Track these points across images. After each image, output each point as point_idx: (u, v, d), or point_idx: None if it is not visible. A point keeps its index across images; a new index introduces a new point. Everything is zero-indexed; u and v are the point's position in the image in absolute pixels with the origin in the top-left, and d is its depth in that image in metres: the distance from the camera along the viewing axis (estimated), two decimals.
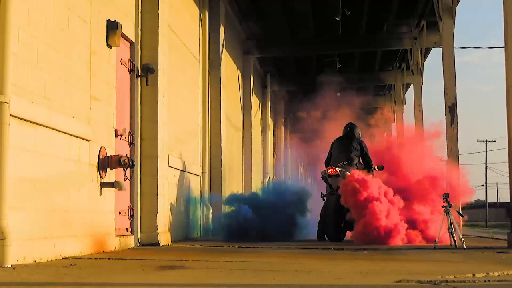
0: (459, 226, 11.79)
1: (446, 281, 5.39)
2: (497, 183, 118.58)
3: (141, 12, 10.58)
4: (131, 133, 10.21)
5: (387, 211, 12.10)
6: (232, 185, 17.90)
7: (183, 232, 12.98)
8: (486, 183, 74.71)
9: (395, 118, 28.86)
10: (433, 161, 14.01)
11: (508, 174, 10.98)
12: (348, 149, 13.32)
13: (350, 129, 13.74)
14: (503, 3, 10.77)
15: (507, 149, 10.70)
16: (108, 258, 7.57)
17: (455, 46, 15.69)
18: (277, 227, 12.94)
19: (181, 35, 13.37)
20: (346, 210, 12.50)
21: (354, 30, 21.38)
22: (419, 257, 8.50)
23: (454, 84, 15.41)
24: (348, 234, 12.81)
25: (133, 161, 9.31)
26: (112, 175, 9.07)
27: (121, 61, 9.82)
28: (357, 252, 9.46)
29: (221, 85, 16.00)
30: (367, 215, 11.97)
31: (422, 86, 22.88)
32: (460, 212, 12.42)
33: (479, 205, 73.57)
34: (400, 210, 12.45)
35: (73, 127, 7.84)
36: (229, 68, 18.23)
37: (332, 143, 13.75)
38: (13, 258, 6.25)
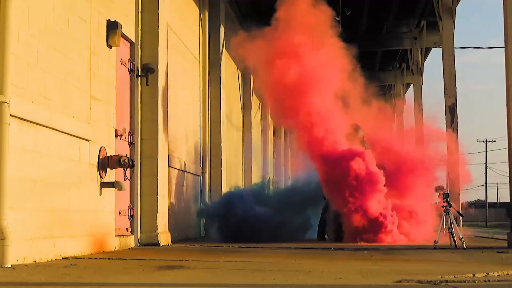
0: (459, 226, 11.81)
1: (446, 281, 5.39)
2: (497, 183, 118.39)
3: (141, 12, 10.58)
4: (131, 133, 10.21)
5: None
6: (232, 185, 17.88)
7: (183, 232, 12.98)
8: (486, 183, 74.69)
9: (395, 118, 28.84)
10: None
11: (508, 174, 10.99)
12: None
13: (354, 129, 13.89)
14: (503, 3, 10.78)
15: (507, 149, 10.71)
16: (108, 258, 7.57)
17: (455, 46, 15.71)
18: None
19: (181, 35, 13.37)
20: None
21: (354, 30, 21.37)
22: (419, 257, 8.49)
23: (454, 84, 15.43)
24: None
25: (133, 161, 9.31)
26: (112, 175, 9.07)
27: (121, 61, 9.82)
28: (357, 252, 9.47)
29: (221, 85, 16.00)
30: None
31: (422, 86, 22.90)
32: (460, 212, 12.44)
33: (479, 205, 73.52)
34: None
35: (73, 127, 7.84)
36: (229, 68, 18.23)
37: None
38: (13, 258, 6.25)
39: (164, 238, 10.60)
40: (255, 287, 5.18)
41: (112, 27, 9.08)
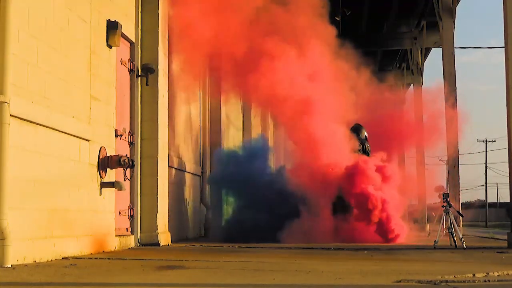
0: (459, 226, 11.83)
1: (446, 281, 5.39)
2: (497, 183, 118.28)
3: (141, 12, 10.57)
4: (131, 133, 10.21)
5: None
6: None
7: (183, 232, 12.98)
8: (486, 183, 74.68)
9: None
10: None
11: (508, 174, 11.00)
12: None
13: (355, 129, 14.05)
14: (503, 3, 10.78)
15: (507, 149, 10.72)
16: (108, 258, 7.58)
17: (455, 46, 15.74)
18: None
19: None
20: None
21: (354, 30, 21.38)
22: (419, 257, 8.50)
23: (454, 84, 15.45)
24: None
25: (133, 161, 9.31)
26: (112, 175, 9.07)
27: (121, 61, 9.82)
28: (357, 252, 9.47)
29: (221, 85, 15.96)
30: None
31: (422, 86, 22.93)
32: (460, 212, 12.47)
33: (479, 205, 73.52)
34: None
35: (73, 127, 7.84)
36: None
37: None
38: (13, 258, 6.25)
39: (164, 238, 10.60)
40: (255, 287, 5.18)
41: (112, 27, 9.07)
